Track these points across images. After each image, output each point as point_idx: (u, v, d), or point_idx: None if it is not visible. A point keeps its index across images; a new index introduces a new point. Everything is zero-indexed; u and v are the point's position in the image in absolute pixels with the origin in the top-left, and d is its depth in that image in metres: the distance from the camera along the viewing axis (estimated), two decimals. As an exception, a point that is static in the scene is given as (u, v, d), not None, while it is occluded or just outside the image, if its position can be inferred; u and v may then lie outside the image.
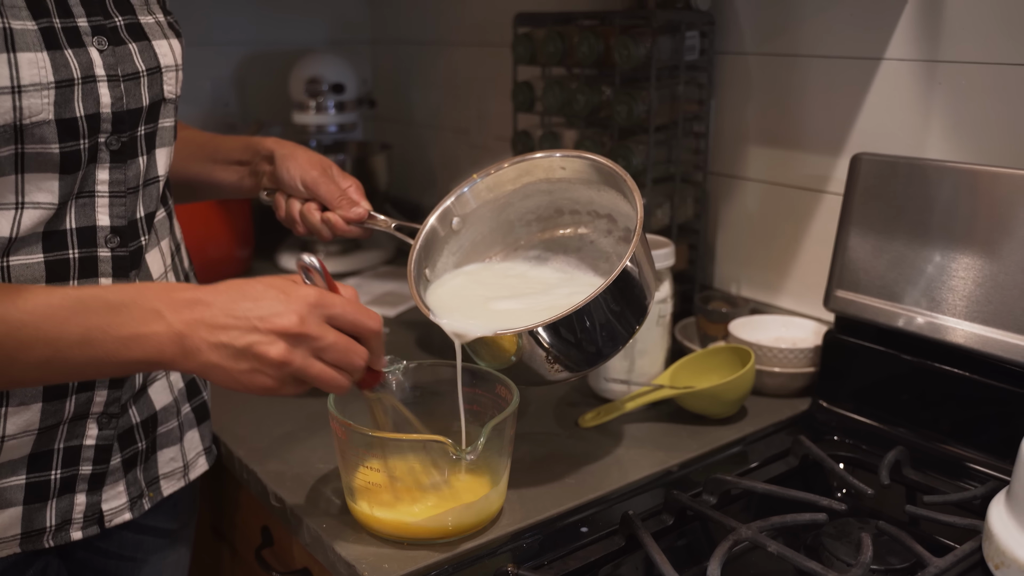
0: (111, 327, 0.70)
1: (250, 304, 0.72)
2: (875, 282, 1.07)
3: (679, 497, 0.90)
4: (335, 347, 0.74)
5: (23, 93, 0.74)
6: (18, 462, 0.83)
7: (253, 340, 0.71)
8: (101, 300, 0.71)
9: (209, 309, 0.72)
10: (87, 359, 0.71)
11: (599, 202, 1.04)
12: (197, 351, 0.71)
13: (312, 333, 0.72)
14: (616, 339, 0.93)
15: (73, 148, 0.79)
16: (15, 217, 0.78)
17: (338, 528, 0.88)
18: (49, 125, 0.76)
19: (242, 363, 0.71)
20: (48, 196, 0.79)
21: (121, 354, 0.71)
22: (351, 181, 1.07)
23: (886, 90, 1.16)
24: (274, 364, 0.72)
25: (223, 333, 0.71)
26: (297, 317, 0.72)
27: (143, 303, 0.71)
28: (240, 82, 1.95)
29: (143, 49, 0.85)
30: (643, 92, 1.28)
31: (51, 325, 0.69)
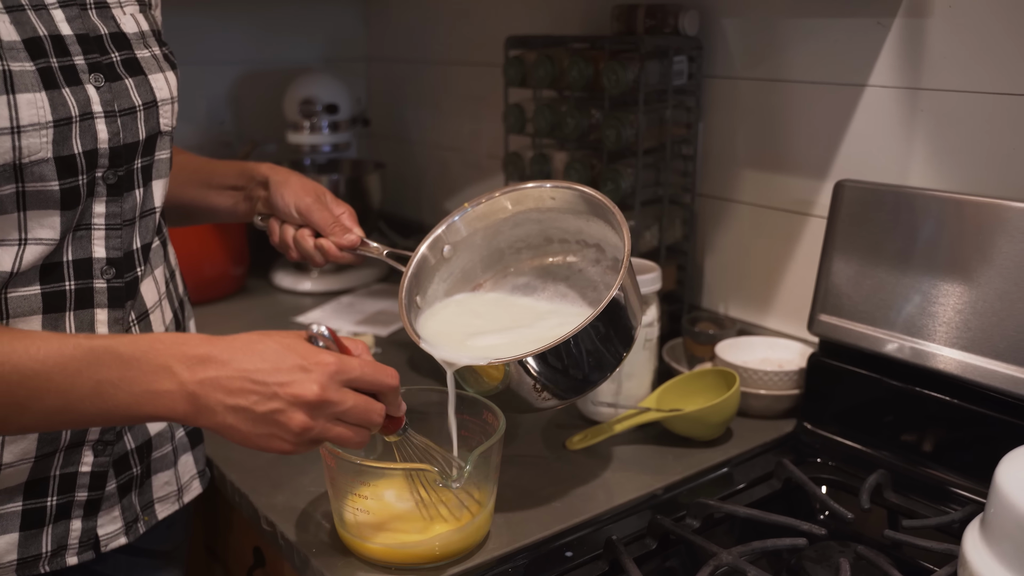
0: (123, 382, 0.70)
1: (269, 367, 0.72)
2: (858, 307, 1.09)
3: (662, 521, 0.91)
4: (355, 410, 0.74)
5: (22, 133, 0.75)
6: (14, 489, 0.85)
7: (274, 408, 0.71)
8: (113, 353, 0.71)
9: (224, 369, 0.71)
10: (98, 411, 0.71)
11: (588, 232, 1.06)
12: (212, 412, 0.71)
13: (333, 399, 0.73)
14: (603, 368, 0.94)
15: (72, 184, 0.80)
16: (18, 253, 0.79)
17: (328, 553, 0.90)
18: (48, 163, 0.78)
19: (260, 428, 0.72)
20: (50, 232, 0.80)
21: (132, 409, 0.71)
22: (344, 208, 1.08)
23: (869, 116, 1.18)
24: (295, 432, 0.72)
25: (241, 397, 0.71)
26: (319, 387, 0.72)
27: (154, 359, 0.71)
28: (236, 101, 1.96)
29: (139, 84, 0.87)
30: (631, 116, 1.30)
31: (63, 377, 0.70)
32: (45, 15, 0.80)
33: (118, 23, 0.87)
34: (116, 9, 0.87)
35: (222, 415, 0.71)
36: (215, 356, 0.72)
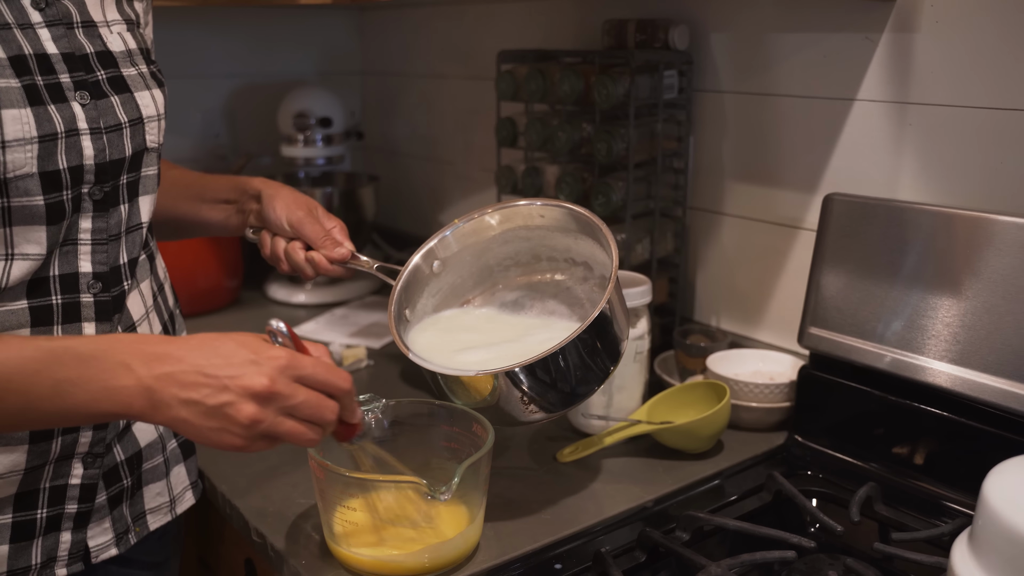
0: (81, 380, 0.72)
1: (221, 362, 0.73)
2: (848, 320, 1.10)
3: (652, 534, 0.91)
4: (306, 404, 0.75)
5: (7, 148, 0.76)
6: (4, 502, 0.85)
7: (224, 400, 0.72)
8: (72, 352, 0.72)
9: (179, 364, 0.73)
10: (57, 410, 0.72)
11: (576, 250, 1.07)
12: (167, 406, 0.72)
13: (283, 392, 0.74)
14: (590, 381, 0.95)
15: (57, 199, 0.81)
16: (5, 268, 0.80)
17: (318, 566, 0.90)
18: (33, 178, 0.78)
19: (211, 421, 0.73)
20: (36, 247, 0.81)
21: (91, 407, 0.72)
22: (335, 222, 1.09)
23: (859, 130, 1.18)
24: (243, 424, 0.73)
25: (193, 390, 0.72)
26: (268, 378, 0.73)
27: (113, 356, 0.72)
28: (230, 114, 1.97)
29: (125, 101, 0.88)
30: (622, 130, 1.30)
31: (22, 378, 0.71)
32: (31, 34, 0.80)
33: (104, 42, 0.88)
34: (103, 28, 0.88)
35: (176, 409, 0.72)
36: (172, 353, 0.73)
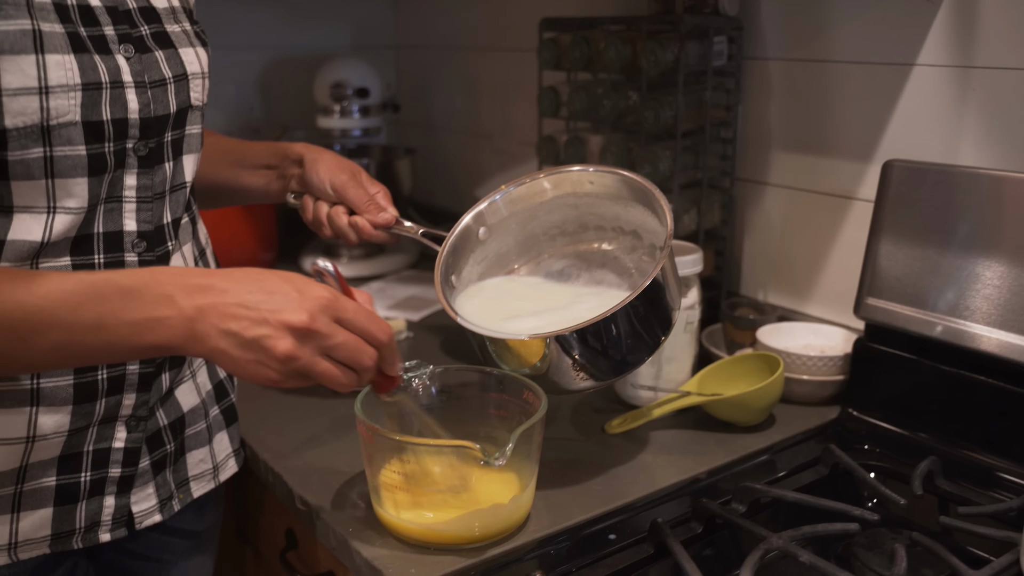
0: (123, 312, 0.70)
1: (263, 296, 0.72)
2: (906, 290, 1.06)
3: (708, 505, 0.89)
4: (344, 346, 0.74)
5: (50, 93, 0.74)
6: (48, 463, 0.84)
7: (262, 333, 0.71)
8: (114, 285, 0.71)
9: (222, 296, 0.72)
10: (100, 343, 0.71)
11: (625, 218, 1.04)
12: (206, 336, 0.71)
13: (321, 331, 0.73)
14: (641, 349, 0.93)
15: (99, 151, 0.79)
16: (47, 222, 0.78)
17: (363, 532, 0.88)
18: (76, 127, 0.77)
19: (248, 353, 0.72)
20: (77, 201, 0.79)
21: (133, 339, 0.71)
22: (379, 187, 1.07)
23: (918, 96, 1.15)
24: (279, 359, 0.72)
25: (233, 322, 0.71)
26: (307, 315, 0.72)
27: (155, 288, 0.71)
28: (265, 87, 1.95)
29: (170, 56, 0.86)
30: (670, 98, 1.27)
31: (65, 310, 0.70)
32: None
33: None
34: None
35: (215, 339, 0.71)
36: (214, 285, 0.72)
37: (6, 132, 0.73)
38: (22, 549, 0.84)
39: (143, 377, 0.88)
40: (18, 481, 0.83)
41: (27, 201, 0.77)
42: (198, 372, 0.98)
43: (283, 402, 1.16)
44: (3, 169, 0.75)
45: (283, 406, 1.15)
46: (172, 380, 0.93)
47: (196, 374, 0.98)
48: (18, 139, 0.74)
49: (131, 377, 0.87)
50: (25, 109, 0.73)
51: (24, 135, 0.74)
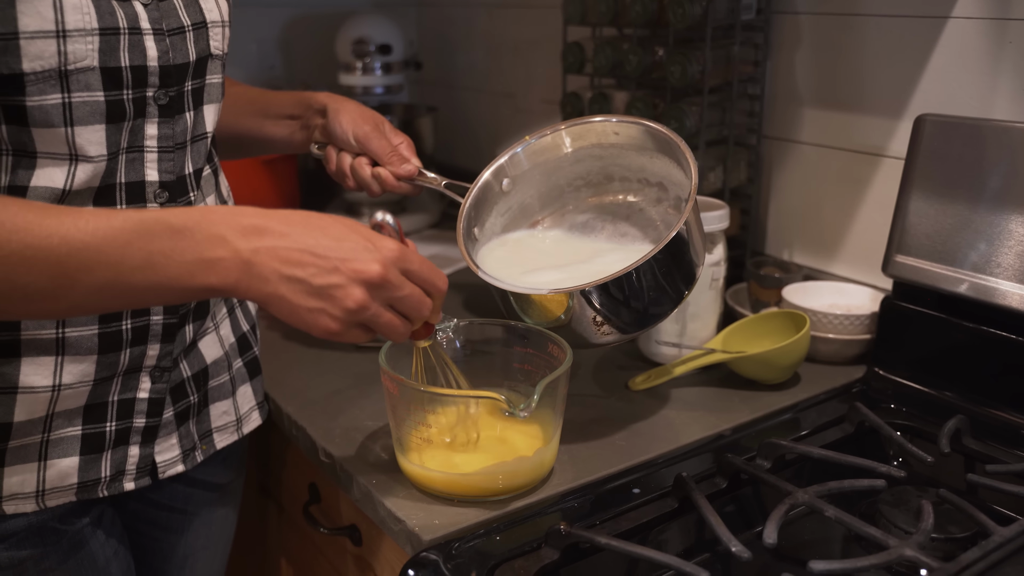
0: (175, 252, 0.68)
1: (331, 243, 0.70)
2: (936, 247, 1.05)
3: (733, 460, 0.88)
4: (409, 298, 0.73)
5: (68, 38, 0.73)
6: (74, 412, 0.84)
7: (333, 282, 0.69)
8: (164, 223, 0.69)
9: (282, 240, 0.70)
10: (149, 284, 0.69)
11: (651, 170, 1.02)
12: (264, 280, 0.69)
13: (392, 281, 0.71)
14: (664, 303, 0.92)
15: (117, 97, 0.78)
16: (69, 170, 0.78)
17: (388, 484, 0.88)
18: (94, 72, 0.76)
19: (312, 301, 0.70)
20: (96, 148, 0.78)
21: (184, 280, 0.69)
22: (402, 138, 1.06)
23: (952, 50, 1.12)
24: (348, 309, 0.70)
25: (299, 268, 0.69)
26: (381, 266, 0.70)
27: (207, 227, 0.69)
28: (286, 44, 1.94)
29: (188, 4, 0.85)
30: (698, 52, 1.25)
31: (113, 249, 0.68)
32: None
33: None
34: None
35: (275, 284, 0.69)
36: (272, 227, 0.70)
37: (24, 76, 0.73)
38: (49, 496, 0.85)
39: (167, 328, 0.88)
40: (45, 430, 0.83)
41: (49, 148, 0.77)
42: (221, 324, 0.98)
43: (306, 356, 1.16)
44: (23, 115, 0.75)
45: (306, 360, 1.15)
46: (196, 332, 0.93)
47: (219, 326, 0.98)
48: (36, 84, 0.73)
49: (155, 328, 0.87)
50: (42, 53, 0.72)
51: (42, 79, 0.73)
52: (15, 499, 0.83)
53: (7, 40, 0.71)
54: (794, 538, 0.84)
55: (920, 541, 0.76)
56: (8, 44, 0.71)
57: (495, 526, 0.82)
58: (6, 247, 0.66)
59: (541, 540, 0.79)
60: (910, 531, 0.80)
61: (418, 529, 0.81)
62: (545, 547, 0.78)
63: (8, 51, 0.71)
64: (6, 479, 0.82)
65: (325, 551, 1.12)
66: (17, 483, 0.83)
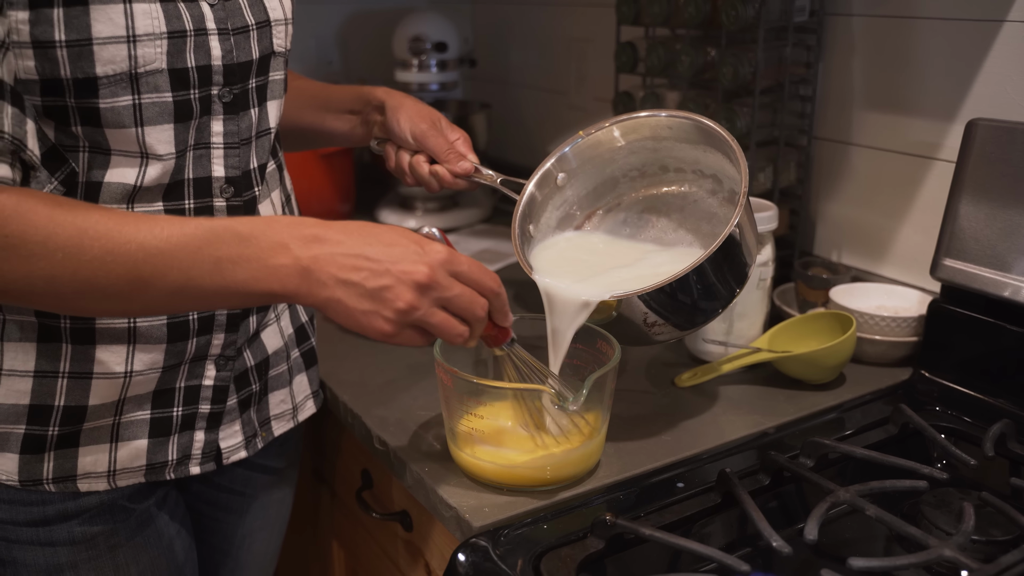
0: (241, 258, 0.72)
1: (383, 249, 0.74)
2: (985, 251, 1.05)
3: (776, 458, 0.90)
4: (460, 298, 0.76)
5: (138, 42, 0.77)
6: (143, 398, 0.89)
7: (384, 284, 0.73)
8: (232, 231, 0.73)
9: (339, 247, 0.73)
10: (216, 288, 0.73)
11: (705, 162, 1.03)
12: (322, 285, 0.73)
13: (441, 283, 0.74)
14: (716, 304, 0.93)
15: (184, 97, 0.82)
16: (140, 167, 0.82)
17: (440, 472, 0.91)
18: (162, 74, 0.80)
19: (366, 304, 0.73)
20: (166, 147, 0.82)
21: (249, 285, 0.73)
22: (459, 134, 1.08)
23: (1007, 54, 1.12)
24: (399, 310, 0.73)
25: (353, 272, 0.73)
26: (428, 267, 0.73)
27: (271, 236, 0.73)
28: (343, 41, 1.98)
29: (253, 3, 0.88)
30: (750, 53, 1.26)
31: (185, 254, 0.72)
32: None
33: None
34: None
35: (331, 288, 0.73)
36: (329, 236, 0.74)
37: (97, 80, 0.77)
38: (120, 477, 0.90)
39: (231, 318, 0.92)
40: (117, 413, 0.88)
41: (121, 146, 0.81)
42: (282, 316, 1.02)
43: (362, 347, 1.20)
44: (97, 116, 0.79)
45: (362, 351, 1.19)
46: (259, 323, 0.97)
47: (280, 317, 1.01)
48: (108, 86, 0.78)
49: (220, 318, 0.91)
50: (114, 57, 0.77)
51: (114, 82, 0.78)
52: (88, 478, 0.88)
53: (81, 46, 0.75)
54: (835, 536, 0.86)
55: (960, 542, 0.77)
56: (82, 50, 0.75)
57: (543, 515, 0.85)
58: (88, 252, 0.71)
59: (587, 530, 0.81)
60: (951, 532, 0.81)
61: (468, 516, 0.84)
62: (591, 537, 0.81)
63: (82, 56, 0.75)
64: (80, 458, 0.87)
65: (376, 535, 1.16)
66: (91, 463, 0.88)
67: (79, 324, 0.84)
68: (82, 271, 0.71)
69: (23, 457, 0.85)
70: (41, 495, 0.87)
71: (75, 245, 0.71)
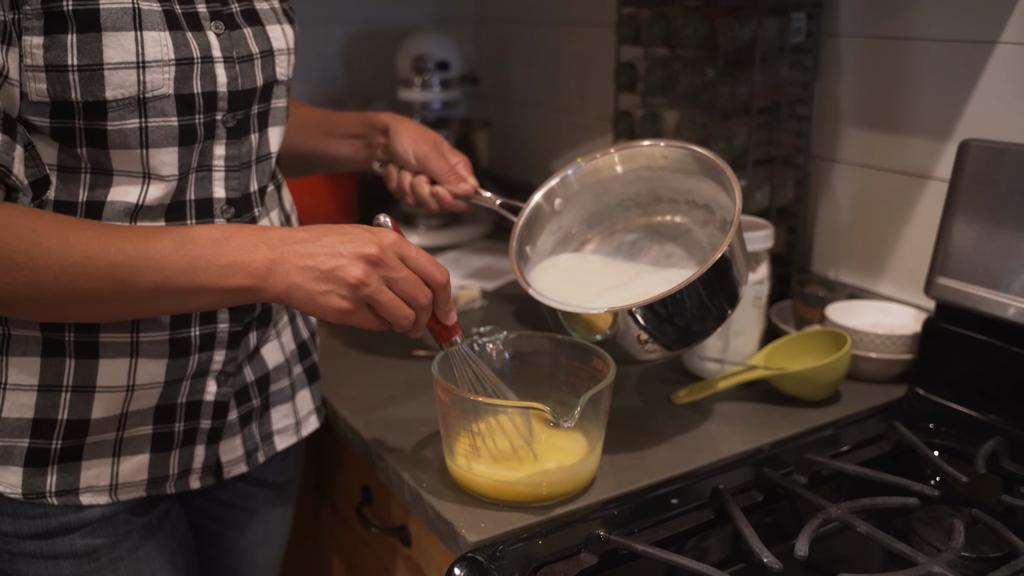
0: (213, 257, 0.78)
1: (338, 237, 0.79)
2: (978, 270, 1.06)
3: (769, 475, 0.91)
4: (405, 280, 0.80)
5: (147, 68, 0.80)
6: (145, 412, 0.90)
7: (336, 264, 0.78)
8: (205, 236, 0.79)
9: (301, 243, 0.79)
10: (192, 286, 0.78)
11: (698, 192, 1.06)
12: (284, 273, 0.78)
13: (388, 262, 0.79)
14: (708, 322, 0.95)
15: (189, 122, 0.84)
16: (142, 187, 0.84)
17: (437, 488, 0.93)
18: (169, 100, 0.82)
19: (322, 284, 0.78)
20: (169, 168, 0.85)
21: (220, 280, 0.78)
22: (460, 157, 1.11)
23: (999, 75, 1.13)
24: (350, 284, 0.78)
25: (310, 258, 0.78)
26: (377, 247, 0.78)
27: (242, 238, 0.79)
28: (348, 59, 2.00)
29: (257, 33, 0.91)
30: (747, 74, 1.28)
31: (161, 256, 0.77)
32: None
33: None
34: None
35: (292, 275, 0.78)
36: (295, 236, 0.80)
37: (107, 103, 0.79)
38: (121, 490, 0.91)
39: (232, 335, 0.93)
40: (119, 428, 0.89)
41: (125, 167, 0.83)
42: (283, 332, 1.04)
43: (363, 363, 1.21)
44: (103, 138, 0.81)
45: (363, 367, 1.20)
46: (259, 339, 0.99)
47: (281, 334, 1.03)
48: (117, 110, 0.80)
49: (221, 335, 0.92)
50: (124, 82, 0.79)
51: (122, 106, 0.80)
52: (91, 491, 0.89)
53: (92, 70, 0.77)
54: (828, 552, 0.87)
55: (949, 559, 0.78)
56: (93, 74, 0.78)
57: (538, 530, 0.86)
58: (69, 258, 0.75)
59: (581, 545, 0.82)
60: (941, 549, 0.82)
61: (465, 531, 0.86)
62: (585, 552, 0.82)
63: (93, 80, 0.78)
64: (83, 472, 0.89)
65: (376, 550, 1.17)
66: (93, 476, 0.89)
67: (83, 338, 0.85)
68: (64, 277, 0.75)
69: (27, 470, 0.87)
70: (44, 508, 0.88)
71: (57, 253, 0.75)
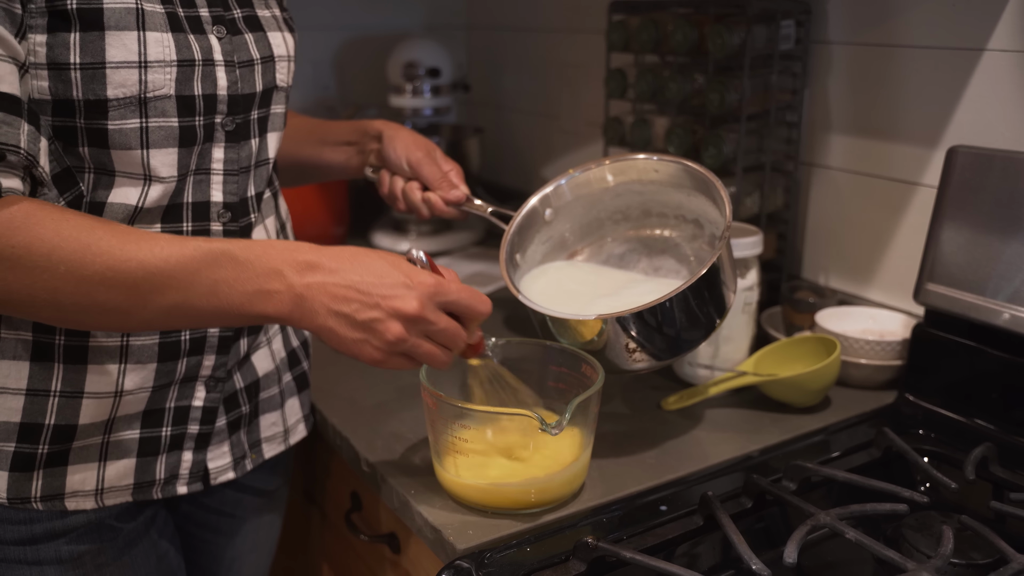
0: (237, 282, 0.75)
1: (374, 280, 0.77)
2: (967, 276, 1.06)
3: (758, 481, 0.91)
4: (445, 332, 0.79)
5: (149, 68, 0.80)
6: (133, 417, 0.90)
7: (374, 316, 0.76)
8: (229, 255, 0.76)
9: (332, 276, 0.76)
10: (212, 308, 0.76)
11: (688, 207, 1.06)
12: (315, 314, 0.76)
13: (428, 317, 0.77)
14: (696, 332, 0.95)
15: (189, 123, 0.84)
16: (143, 189, 0.84)
17: (425, 495, 0.92)
18: (170, 100, 0.82)
19: (356, 333, 0.77)
20: (169, 170, 0.84)
21: (243, 307, 0.76)
22: (452, 165, 1.11)
23: (987, 82, 1.14)
24: (388, 341, 0.77)
25: (344, 304, 0.76)
26: (418, 303, 0.77)
27: (266, 262, 0.76)
28: (340, 66, 2.00)
29: (258, 39, 0.91)
30: (736, 81, 1.28)
31: (184, 274, 0.75)
32: None
33: None
34: None
35: (323, 318, 0.76)
36: (323, 264, 0.77)
37: (108, 102, 0.79)
38: (107, 495, 0.90)
39: (222, 341, 0.93)
40: (106, 432, 0.89)
41: (126, 168, 0.83)
42: (273, 339, 1.03)
43: (352, 370, 1.21)
44: (104, 138, 0.81)
45: (352, 374, 1.20)
46: (249, 345, 0.98)
47: (271, 341, 1.03)
48: (118, 109, 0.80)
49: (211, 340, 0.92)
50: (125, 81, 0.79)
51: (123, 105, 0.80)
52: (76, 496, 0.89)
53: (95, 69, 0.78)
54: (818, 559, 0.86)
55: (939, 565, 0.78)
56: (95, 72, 0.78)
57: (526, 537, 0.86)
58: (89, 268, 0.73)
59: (570, 553, 0.82)
60: (931, 555, 0.82)
61: (452, 538, 0.85)
62: (573, 559, 0.81)
63: (95, 79, 0.78)
64: (69, 476, 0.88)
65: (365, 557, 1.17)
66: (79, 481, 0.89)
67: (72, 342, 0.85)
68: (83, 285, 0.73)
69: (12, 475, 0.86)
70: (29, 513, 0.88)
71: (78, 260, 0.73)
